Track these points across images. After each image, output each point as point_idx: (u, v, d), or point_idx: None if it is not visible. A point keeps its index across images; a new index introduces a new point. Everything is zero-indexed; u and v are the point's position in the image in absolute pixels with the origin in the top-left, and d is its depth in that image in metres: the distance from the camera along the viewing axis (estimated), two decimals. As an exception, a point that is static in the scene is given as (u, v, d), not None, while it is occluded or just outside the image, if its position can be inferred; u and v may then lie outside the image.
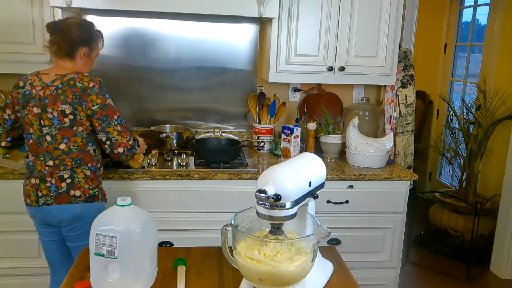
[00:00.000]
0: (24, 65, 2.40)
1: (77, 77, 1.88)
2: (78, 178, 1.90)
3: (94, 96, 1.87)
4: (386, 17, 2.62)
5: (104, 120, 1.88)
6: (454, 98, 4.70)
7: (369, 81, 2.72)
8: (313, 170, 1.28)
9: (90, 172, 1.93)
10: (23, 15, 2.34)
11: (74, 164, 1.90)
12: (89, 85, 1.87)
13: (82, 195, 1.91)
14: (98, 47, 2.05)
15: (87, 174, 1.92)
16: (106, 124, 1.88)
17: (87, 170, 1.92)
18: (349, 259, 2.41)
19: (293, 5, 2.53)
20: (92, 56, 2.02)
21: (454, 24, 4.69)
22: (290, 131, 2.60)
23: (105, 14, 2.70)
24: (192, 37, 2.82)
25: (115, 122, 1.89)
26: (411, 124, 3.04)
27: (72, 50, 1.93)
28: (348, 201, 2.48)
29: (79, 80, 1.87)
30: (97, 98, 1.87)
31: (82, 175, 1.91)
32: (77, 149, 1.90)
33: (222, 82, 2.90)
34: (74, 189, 1.89)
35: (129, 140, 1.92)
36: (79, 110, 1.87)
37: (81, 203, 1.90)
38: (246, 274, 1.18)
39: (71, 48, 1.92)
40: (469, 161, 3.72)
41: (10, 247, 2.30)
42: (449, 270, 3.47)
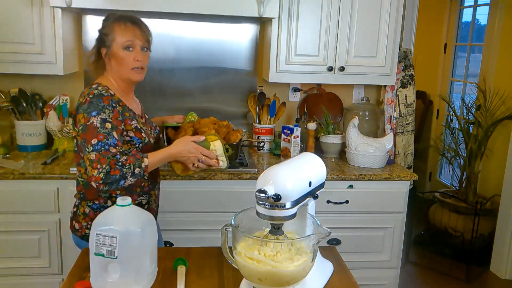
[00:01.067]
0: (24, 65, 2.40)
1: (85, 90, 1.61)
2: (79, 213, 1.69)
3: (81, 114, 1.53)
4: (386, 17, 2.62)
5: (83, 145, 1.51)
6: (454, 98, 4.70)
7: (369, 81, 2.73)
8: (313, 170, 1.28)
9: (90, 210, 1.67)
10: (23, 15, 2.34)
11: (80, 197, 1.70)
12: (81, 101, 1.56)
13: (80, 231, 1.70)
14: (117, 41, 1.61)
15: (87, 212, 1.67)
16: (83, 151, 1.51)
17: (87, 207, 1.67)
18: (349, 259, 2.41)
19: (293, 5, 2.53)
20: (115, 54, 1.62)
21: (454, 24, 4.69)
22: (290, 131, 2.60)
23: (105, 14, 2.68)
24: (192, 37, 2.82)
25: (90, 149, 1.48)
26: (411, 124, 3.04)
27: (95, 54, 1.70)
28: (348, 201, 2.48)
29: (81, 94, 1.61)
30: (83, 117, 1.52)
31: (82, 210, 1.68)
32: (83, 181, 1.67)
33: (222, 82, 2.90)
34: (76, 221, 1.71)
35: (100, 173, 1.45)
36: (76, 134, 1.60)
37: (78, 237, 1.71)
38: (246, 274, 1.18)
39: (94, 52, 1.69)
40: (469, 161, 3.72)
41: (10, 247, 2.30)
42: (449, 270, 3.47)
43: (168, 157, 1.62)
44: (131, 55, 1.61)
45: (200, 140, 1.65)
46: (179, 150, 1.62)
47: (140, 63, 1.64)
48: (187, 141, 1.64)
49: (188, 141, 1.64)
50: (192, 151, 1.63)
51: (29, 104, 2.62)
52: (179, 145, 1.63)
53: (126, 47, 1.61)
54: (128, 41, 1.61)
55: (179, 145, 1.63)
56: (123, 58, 1.61)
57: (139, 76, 1.67)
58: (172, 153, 1.62)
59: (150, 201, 1.76)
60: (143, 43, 1.64)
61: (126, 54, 1.61)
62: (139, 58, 1.63)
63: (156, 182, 1.81)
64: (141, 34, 1.63)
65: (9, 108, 2.59)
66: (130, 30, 1.62)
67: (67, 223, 2.31)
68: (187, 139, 1.65)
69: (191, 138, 1.65)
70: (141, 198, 1.72)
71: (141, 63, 1.64)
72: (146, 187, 1.72)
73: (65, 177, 2.24)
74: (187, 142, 1.64)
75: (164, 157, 1.61)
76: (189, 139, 1.65)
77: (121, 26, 1.63)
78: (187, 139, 1.65)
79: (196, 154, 1.63)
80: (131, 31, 1.62)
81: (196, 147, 1.63)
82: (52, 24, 2.38)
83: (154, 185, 1.78)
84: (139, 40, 1.62)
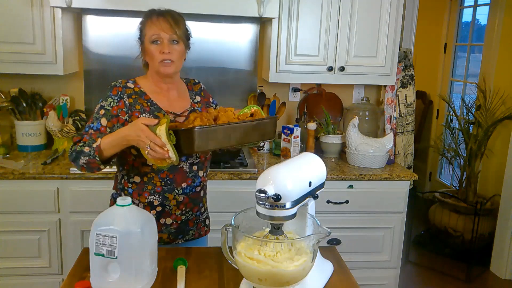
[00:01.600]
0: (24, 65, 2.40)
1: None
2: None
3: None
4: (386, 17, 2.62)
5: None
6: (454, 98, 4.70)
7: (369, 81, 2.73)
8: (313, 170, 1.28)
9: (111, 198, 1.74)
10: (23, 15, 2.34)
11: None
12: None
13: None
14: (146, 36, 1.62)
15: (110, 203, 1.74)
16: None
17: (110, 196, 1.74)
18: (349, 259, 2.41)
19: (293, 5, 2.53)
20: (147, 49, 1.63)
21: (454, 24, 4.69)
22: (290, 131, 2.60)
23: (105, 14, 2.70)
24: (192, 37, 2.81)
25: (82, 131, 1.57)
26: (411, 124, 3.04)
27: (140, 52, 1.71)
28: (348, 201, 2.48)
29: None
30: None
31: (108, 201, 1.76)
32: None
33: (222, 82, 2.90)
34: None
35: (70, 150, 1.55)
36: None
37: None
38: (246, 274, 1.18)
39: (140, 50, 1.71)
40: (469, 161, 3.72)
41: (10, 247, 2.30)
42: (449, 270, 3.47)
43: (119, 138, 1.46)
44: (158, 48, 1.60)
45: (152, 124, 1.41)
46: (127, 132, 1.43)
47: (167, 56, 1.60)
48: (137, 123, 1.42)
49: (138, 123, 1.41)
50: (139, 133, 1.39)
51: (29, 104, 2.61)
52: (129, 127, 1.44)
53: (154, 41, 1.60)
54: (154, 34, 1.59)
55: (129, 126, 1.44)
56: (152, 52, 1.61)
57: (168, 69, 1.62)
58: (122, 135, 1.45)
59: (166, 204, 1.64)
60: (170, 35, 1.60)
61: (154, 48, 1.60)
62: (165, 50, 1.59)
63: (178, 186, 1.63)
64: (168, 27, 1.60)
65: (9, 108, 2.59)
66: (156, 24, 1.60)
67: (67, 222, 2.31)
68: (138, 121, 1.42)
69: (143, 120, 1.43)
70: (153, 198, 1.62)
71: (169, 55, 1.60)
72: (159, 187, 1.62)
73: (65, 177, 2.24)
74: (136, 124, 1.42)
75: (116, 138, 1.46)
76: (139, 121, 1.42)
77: (148, 21, 1.63)
78: (138, 121, 1.42)
79: (142, 138, 1.38)
80: (156, 25, 1.60)
81: (142, 129, 1.39)
82: (52, 24, 2.38)
83: (173, 188, 1.63)
84: (166, 33, 1.59)
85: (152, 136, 1.37)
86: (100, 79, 2.75)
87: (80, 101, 2.80)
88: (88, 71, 2.75)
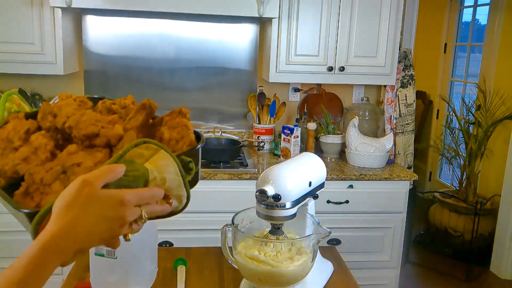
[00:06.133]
0: (24, 65, 2.40)
1: None
2: None
3: None
4: (386, 17, 2.62)
5: None
6: (454, 98, 4.70)
7: (369, 81, 2.73)
8: (313, 170, 1.28)
9: None
10: (23, 15, 2.34)
11: None
12: None
13: None
14: None
15: None
16: None
17: None
18: (349, 259, 2.40)
19: (293, 5, 2.53)
20: None
21: (454, 24, 4.69)
22: (290, 131, 2.60)
23: (105, 14, 2.70)
24: (192, 37, 2.82)
25: None
26: (411, 124, 3.04)
27: None
28: (348, 201, 2.48)
29: None
30: None
31: None
32: None
33: (222, 82, 2.90)
34: None
35: None
36: None
37: None
38: (246, 274, 1.18)
39: None
40: (469, 161, 3.72)
41: (10, 247, 2.30)
42: (449, 270, 3.46)
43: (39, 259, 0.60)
44: None
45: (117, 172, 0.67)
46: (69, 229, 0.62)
47: None
48: (90, 194, 0.64)
49: (91, 191, 0.64)
50: (112, 215, 0.65)
51: (29, 104, 2.62)
52: (66, 214, 0.63)
53: None
54: None
55: (66, 212, 0.63)
56: None
57: None
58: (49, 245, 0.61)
59: None
60: None
61: None
62: None
63: None
64: None
65: (9, 108, 2.59)
66: None
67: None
68: (83, 184, 0.64)
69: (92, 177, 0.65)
70: None
71: None
72: None
73: (65, 177, 2.24)
74: (89, 198, 0.64)
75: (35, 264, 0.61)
76: (88, 183, 0.64)
77: None
78: (84, 184, 0.64)
79: (128, 216, 0.66)
80: None
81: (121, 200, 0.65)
82: (52, 24, 2.38)
83: None
84: None
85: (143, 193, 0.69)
86: (100, 79, 2.75)
87: (80, 101, 2.80)
88: (88, 71, 2.75)
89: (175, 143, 0.79)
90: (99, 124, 0.75)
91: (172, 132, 0.79)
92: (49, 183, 0.70)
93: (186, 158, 0.76)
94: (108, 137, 0.74)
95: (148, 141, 0.71)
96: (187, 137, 0.80)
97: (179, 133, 0.79)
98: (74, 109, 0.77)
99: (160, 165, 0.71)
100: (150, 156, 0.71)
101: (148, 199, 0.70)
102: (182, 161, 0.75)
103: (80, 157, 0.72)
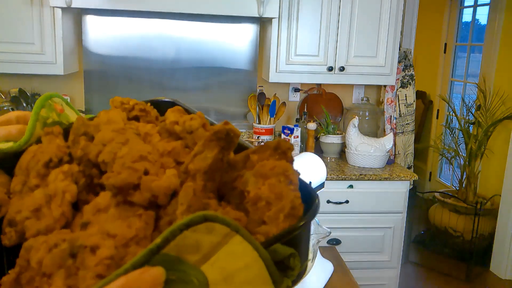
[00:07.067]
0: (24, 65, 2.40)
1: None
2: None
3: None
4: (386, 17, 2.62)
5: None
6: (454, 98, 4.70)
7: (369, 81, 2.73)
8: (313, 170, 1.28)
9: None
10: (23, 15, 2.34)
11: None
12: None
13: None
14: None
15: None
16: None
17: None
18: (349, 259, 2.41)
19: (293, 5, 2.53)
20: None
21: (454, 24, 4.69)
22: (290, 131, 2.60)
23: (105, 14, 2.70)
24: (192, 37, 2.82)
25: None
26: (411, 124, 3.04)
27: None
28: (348, 201, 2.48)
29: None
30: None
31: None
32: None
33: (222, 82, 2.90)
34: None
35: None
36: None
37: None
38: (246, 274, 1.18)
39: None
40: (469, 161, 3.72)
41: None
42: (449, 270, 3.47)
43: None
44: None
45: None
46: None
47: None
48: None
49: None
50: None
51: (29, 104, 2.61)
52: None
53: None
54: None
55: None
56: None
57: None
58: None
59: None
60: None
61: None
62: None
63: None
64: None
65: (9, 108, 2.59)
66: None
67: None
68: None
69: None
70: None
71: None
72: None
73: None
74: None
75: None
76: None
77: None
78: None
79: None
80: None
81: None
82: (52, 24, 2.38)
83: None
84: None
85: None
86: (100, 79, 2.75)
87: (80, 101, 2.80)
88: (88, 71, 2.75)
89: (265, 206, 0.38)
90: (141, 168, 0.39)
91: (262, 186, 0.39)
92: (49, 273, 0.37)
93: (283, 249, 0.36)
94: (152, 192, 0.39)
95: (211, 217, 0.31)
96: (286, 199, 0.37)
97: (274, 188, 0.38)
98: (115, 132, 0.42)
99: (232, 269, 0.32)
100: (214, 249, 0.32)
101: None
102: (276, 255, 0.35)
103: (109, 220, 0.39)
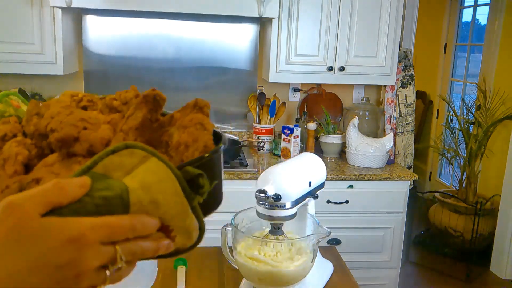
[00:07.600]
0: (24, 65, 2.40)
1: None
2: None
3: None
4: (386, 17, 2.62)
5: None
6: (454, 98, 4.70)
7: (369, 81, 2.73)
8: (313, 170, 1.28)
9: None
10: (23, 15, 2.34)
11: None
12: None
13: None
14: None
15: None
16: None
17: None
18: (349, 259, 2.40)
19: (293, 5, 2.53)
20: None
21: (454, 24, 4.69)
22: (290, 131, 2.60)
23: (105, 14, 2.70)
24: (192, 37, 2.82)
25: None
26: (411, 124, 3.04)
27: None
28: (348, 201, 2.48)
29: None
30: None
31: None
32: None
33: (222, 82, 2.90)
34: None
35: None
36: None
37: None
38: (246, 274, 1.18)
39: None
40: (469, 161, 3.72)
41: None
42: (449, 270, 3.46)
43: None
44: None
45: (71, 191, 0.43)
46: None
47: None
48: (20, 226, 0.40)
49: (21, 221, 0.40)
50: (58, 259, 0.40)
51: (29, 104, 2.61)
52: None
53: None
54: None
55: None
56: None
57: None
58: None
59: None
60: None
61: None
62: None
63: None
64: None
65: (9, 108, 2.60)
66: None
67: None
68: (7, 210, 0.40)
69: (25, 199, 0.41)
70: None
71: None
72: None
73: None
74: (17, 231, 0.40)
75: None
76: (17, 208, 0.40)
77: None
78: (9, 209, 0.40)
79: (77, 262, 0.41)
80: None
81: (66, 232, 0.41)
82: (52, 24, 2.38)
83: None
84: None
85: (121, 226, 0.45)
86: (100, 79, 2.75)
87: (80, 101, 2.80)
88: (88, 71, 2.75)
89: (184, 148, 0.54)
90: (81, 125, 0.54)
91: (183, 134, 0.55)
92: None
93: (193, 170, 0.49)
94: (90, 142, 0.52)
95: (132, 145, 0.47)
96: (201, 140, 0.53)
97: (191, 134, 0.54)
98: (62, 108, 0.57)
99: (149, 180, 0.45)
100: (134, 167, 0.46)
101: (127, 233, 0.45)
102: (187, 175, 0.48)
103: (55, 169, 0.51)
